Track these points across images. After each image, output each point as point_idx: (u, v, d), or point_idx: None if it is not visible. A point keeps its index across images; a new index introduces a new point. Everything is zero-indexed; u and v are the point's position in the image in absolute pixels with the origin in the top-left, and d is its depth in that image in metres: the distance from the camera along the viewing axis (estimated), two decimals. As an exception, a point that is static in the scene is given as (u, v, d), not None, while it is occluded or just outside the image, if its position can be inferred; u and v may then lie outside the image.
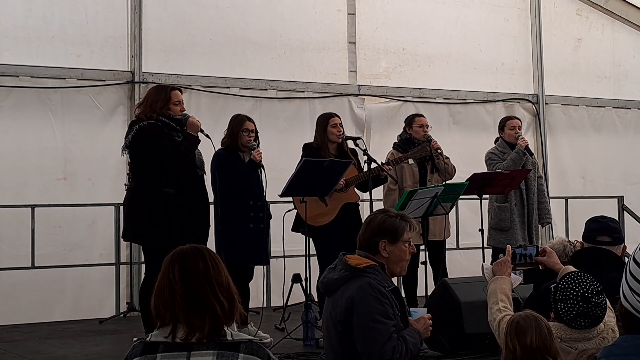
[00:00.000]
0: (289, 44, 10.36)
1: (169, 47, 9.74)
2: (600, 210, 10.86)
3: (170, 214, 6.62)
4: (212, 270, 2.87)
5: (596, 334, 4.02)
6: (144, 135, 6.66)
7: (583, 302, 3.97)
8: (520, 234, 8.52)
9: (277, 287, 8.30)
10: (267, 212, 7.42)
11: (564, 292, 4.01)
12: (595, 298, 3.97)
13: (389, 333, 4.24)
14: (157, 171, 6.68)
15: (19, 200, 8.74)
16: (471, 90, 11.36)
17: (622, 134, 12.36)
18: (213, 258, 2.92)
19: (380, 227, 4.46)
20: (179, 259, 2.91)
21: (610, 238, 5.04)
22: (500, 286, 4.50)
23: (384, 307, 4.27)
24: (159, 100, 6.79)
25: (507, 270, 4.62)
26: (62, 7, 9.21)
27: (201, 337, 2.78)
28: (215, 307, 2.80)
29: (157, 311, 2.86)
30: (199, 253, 2.92)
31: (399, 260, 4.47)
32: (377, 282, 4.31)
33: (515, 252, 4.78)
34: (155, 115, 6.72)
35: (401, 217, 4.51)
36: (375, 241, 4.44)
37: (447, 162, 8.23)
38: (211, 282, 2.84)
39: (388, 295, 4.31)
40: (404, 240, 4.44)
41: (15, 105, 8.94)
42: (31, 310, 8.72)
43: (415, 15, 11.13)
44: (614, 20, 12.38)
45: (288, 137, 9.88)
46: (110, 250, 8.91)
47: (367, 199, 7.45)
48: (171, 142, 6.68)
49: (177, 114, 6.82)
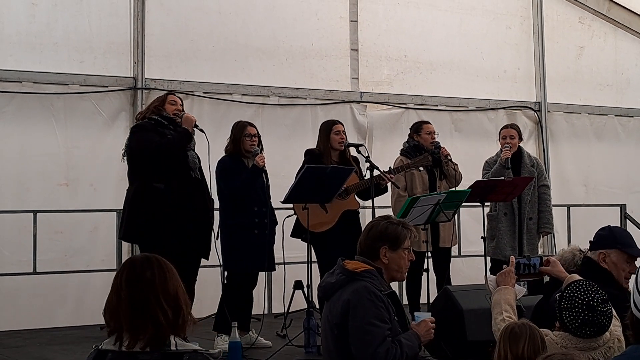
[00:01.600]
0: (291, 50, 10.37)
1: (172, 53, 9.75)
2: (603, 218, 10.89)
3: (159, 209, 6.68)
4: (159, 278, 2.84)
5: (602, 343, 4.00)
6: (133, 134, 6.96)
7: (588, 310, 3.94)
8: (508, 243, 8.44)
9: (278, 293, 8.28)
10: (272, 218, 7.41)
11: (569, 301, 3.99)
12: (600, 306, 3.95)
13: (383, 336, 4.27)
14: (147, 168, 6.80)
15: (21, 206, 8.73)
16: (473, 98, 11.36)
17: (625, 142, 12.36)
18: (162, 267, 2.89)
19: (382, 233, 4.54)
20: (128, 267, 2.90)
21: (590, 242, 5.07)
22: (505, 297, 4.48)
23: (378, 311, 4.31)
24: (155, 100, 7.16)
25: (511, 281, 4.60)
26: (65, 14, 9.22)
27: (144, 345, 2.77)
28: (159, 316, 2.78)
29: (106, 318, 2.86)
30: (148, 261, 2.90)
31: (398, 267, 4.55)
32: (373, 286, 4.37)
33: (519, 263, 4.77)
34: (149, 114, 6.99)
35: (403, 225, 4.60)
36: (376, 247, 4.53)
37: (455, 169, 8.23)
38: (156, 290, 2.81)
39: (384, 299, 4.37)
40: (404, 248, 4.53)
41: (18, 111, 8.94)
42: (33, 316, 8.71)
43: (418, 23, 11.14)
44: (616, 29, 12.39)
45: (290, 143, 9.87)
46: (112, 256, 8.90)
47: (370, 206, 7.43)
48: (161, 138, 6.79)
49: (171, 112, 7.00)
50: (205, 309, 8.32)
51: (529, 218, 8.56)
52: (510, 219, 8.53)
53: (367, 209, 8.30)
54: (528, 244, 8.52)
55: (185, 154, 6.94)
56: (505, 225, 8.50)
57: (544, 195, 8.72)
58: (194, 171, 7.00)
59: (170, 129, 6.92)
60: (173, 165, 6.84)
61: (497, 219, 8.53)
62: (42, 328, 8.53)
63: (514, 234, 8.50)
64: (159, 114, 6.97)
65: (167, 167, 6.80)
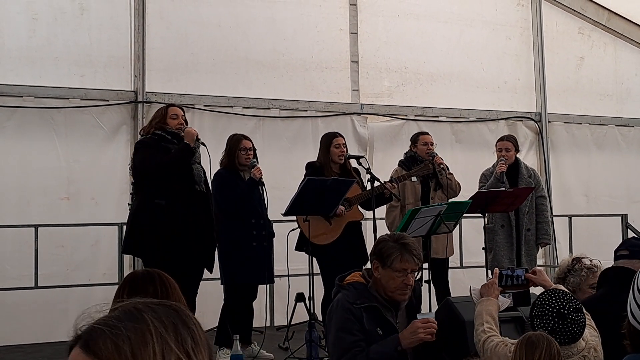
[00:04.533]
0: (291, 63, 10.39)
1: (172, 66, 9.77)
2: (604, 228, 10.90)
3: (160, 224, 6.71)
4: (161, 294, 2.83)
5: (576, 352, 3.99)
6: (137, 150, 7.03)
7: (559, 318, 3.95)
8: (506, 255, 8.42)
9: (280, 306, 8.28)
10: (270, 230, 7.41)
11: (540, 308, 4.01)
12: (572, 315, 3.95)
13: (346, 348, 4.38)
14: (149, 183, 6.85)
15: (23, 220, 8.73)
16: (474, 109, 11.38)
17: (625, 151, 12.36)
18: (164, 282, 2.87)
19: (375, 247, 4.61)
20: (129, 282, 2.89)
21: (628, 251, 5.02)
22: (487, 308, 4.49)
23: (346, 323, 4.40)
24: (157, 116, 7.14)
25: (495, 292, 4.60)
26: (65, 28, 9.25)
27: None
28: None
29: None
30: (149, 276, 2.89)
31: (388, 286, 4.50)
32: (346, 298, 4.46)
33: (502, 274, 4.77)
34: (153, 130, 7.00)
35: (401, 244, 4.53)
36: (370, 260, 4.62)
37: (450, 178, 8.22)
38: None
39: (355, 311, 4.42)
40: (395, 269, 4.45)
41: (19, 125, 8.96)
42: (34, 331, 8.70)
43: (418, 35, 11.15)
44: (616, 39, 12.41)
45: (291, 156, 9.88)
46: (114, 270, 8.89)
47: (371, 217, 7.43)
48: (164, 154, 6.81)
49: (174, 127, 7.00)
50: (207, 323, 8.30)
51: (527, 229, 8.55)
52: (507, 230, 8.52)
53: (368, 220, 8.29)
54: (526, 255, 8.51)
55: (190, 167, 6.97)
56: (502, 238, 8.49)
57: (542, 206, 8.71)
58: (199, 185, 7.02)
59: (174, 143, 6.94)
60: (176, 181, 6.86)
61: (494, 231, 8.52)
62: (44, 342, 8.51)
63: (512, 246, 8.49)
64: (163, 129, 7.00)
65: (170, 183, 6.83)
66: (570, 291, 5.38)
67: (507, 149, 8.60)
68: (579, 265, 5.39)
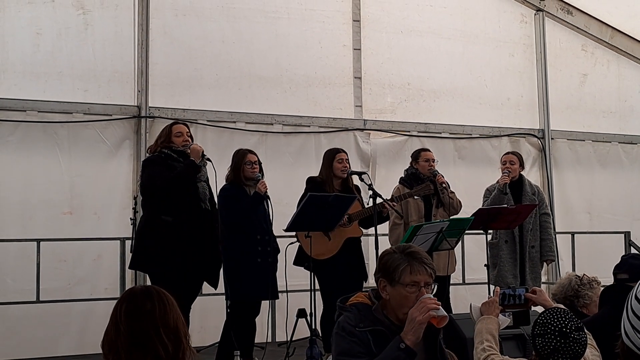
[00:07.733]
0: (294, 79, 10.40)
1: (176, 81, 9.79)
2: (607, 245, 10.87)
3: (167, 241, 6.77)
4: (159, 311, 2.78)
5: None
6: (144, 168, 7.08)
7: (561, 337, 3.93)
8: (510, 270, 8.41)
9: (281, 321, 8.26)
10: (275, 246, 7.40)
11: (542, 327, 3.98)
12: (574, 334, 3.93)
13: None
14: (156, 200, 6.91)
15: (25, 235, 8.74)
16: (477, 125, 11.38)
17: (628, 169, 12.35)
18: (162, 298, 2.83)
19: (379, 263, 3.99)
20: (127, 298, 2.84)
21: (628, 275, 5.01)
22: (487, 326, 4.46)
23: (348, 345, 3.94)
24: (162, 135, 7.19)
25: (495, 310, 4.58)
26: (69, 43, 9.28)
27: None
28: (159, 349, 2.71)
29: (104, 351, 2.78)
30: (148, 293, 2.84)
31: (400, 306, 3.84)
32: (348, 321, 3.98)
33: (504, 293, 4.75)
34: (159, 148, 7.06)
35: (407, 254, 3.89)
36: (376, 279, 3.98)
37: (452, 197, 8.21)
38: (156, 323, 2.75)
39: (358, 334, 3.93)
40: (405, 284, 3.80)
41: (22, 139, 8.97)
42: (36, 345, 8.68)
43: (421, 51, 11.17)
44: (619, 56, 12.42)
45: (294, 171, 9.87)
46: (116, 284, 8.88)
47: (373, 233, 7.42)
48: (171, 171, 6.88)
49: (179, 144, 7.07)
50: (208, 338, 8.30)
51: (531, 246, 8.54)
52: (511, 246, 8.51)
53: (369, 236, 8.28)
54: (531, 272, 8.49)
55: (195, 185, 6.99)
56: (506, 253, 8.48)
57: (545, 223, 8.70)
58: (204, 202, 7.05)
59: (180, 161, 6.99)
60: (182, 198, 6.89)
61: (498, 247, 8.51)
62: (46, 357, 8.51)
63: (515, 262, 8.47)
64: (169, 148, 7.07)
65: (176, 200, 6.87)
66: (583, 305, 5.39)
67: (511, 162, 8.61)
68: (586, 279, 5.39)
